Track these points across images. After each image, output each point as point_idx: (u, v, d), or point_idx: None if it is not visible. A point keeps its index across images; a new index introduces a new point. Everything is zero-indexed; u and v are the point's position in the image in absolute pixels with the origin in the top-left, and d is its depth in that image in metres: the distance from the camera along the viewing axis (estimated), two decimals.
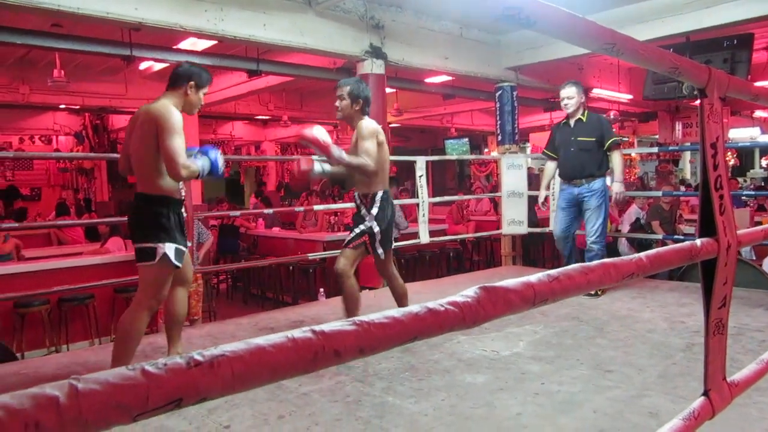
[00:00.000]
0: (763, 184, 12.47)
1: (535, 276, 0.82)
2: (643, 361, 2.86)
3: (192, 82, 2.78)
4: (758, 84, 8.36)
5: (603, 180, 4.34)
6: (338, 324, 0.58)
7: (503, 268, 6.23)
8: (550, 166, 4.63)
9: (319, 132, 2.93)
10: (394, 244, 3.49)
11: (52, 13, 3.87)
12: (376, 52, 5.63)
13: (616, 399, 2.39)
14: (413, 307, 0.65)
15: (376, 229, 3.18)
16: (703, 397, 1.32)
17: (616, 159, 4.28)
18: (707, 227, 1.29)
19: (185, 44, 5.91)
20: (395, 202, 3.86)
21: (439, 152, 14.70)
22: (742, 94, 1.49)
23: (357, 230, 3.20)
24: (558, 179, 4.73)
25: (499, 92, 7.03)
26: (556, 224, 4.51)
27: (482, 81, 7.17)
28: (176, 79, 2.79)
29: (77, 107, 9.72)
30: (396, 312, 0.63)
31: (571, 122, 4.37)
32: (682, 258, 1.15)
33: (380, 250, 3.22)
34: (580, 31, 0.89)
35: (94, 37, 5.27)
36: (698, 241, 1.24)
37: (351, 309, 3.17)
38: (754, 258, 5.82)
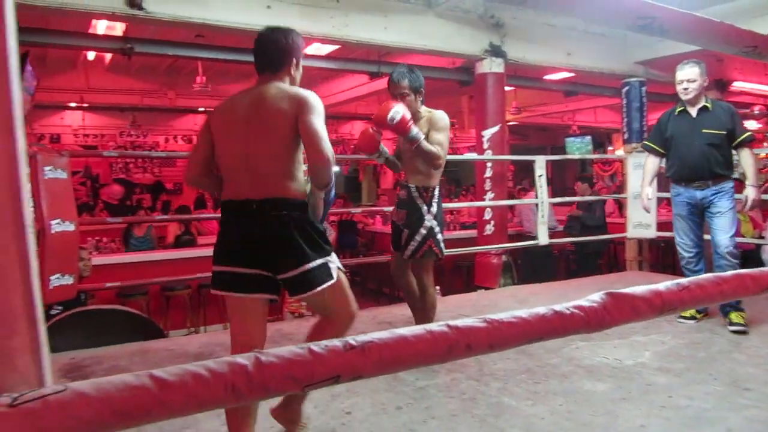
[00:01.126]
0: None
1: (664, 284, 0.82)
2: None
3: (295, 59, 2.14)
4: None
5: (732, 182, 3.61)
6: (470, 321, 0.63)
7: (628, 273, 5.93)
8: (653, 163, 3.83)
9: (402, 107, 2.70)
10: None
11: (197, 26, 4.28)
12: (495, 51, 5.59)
13: (754, 419, 2.23)
14: (540, 309, 0.70)
15: (437, 228, 2.97)
16: None
17: (748, 158, 3.53)
18: None
19: (310, 49, 6.22)
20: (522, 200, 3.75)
21: (559, 150, 14.20)
22: None
23: (418, 237, 2.91)
24: (657, 181, 4.07)
25: (626, 88, 6.69)
26: (681, 240, 3.71)
27: (607, 77, 6.86)
28: (280, 58, 2.09)
29: (213, 109, 10.57)
30: (523, 312, 0.68)
31: (693, 111, 3.57)
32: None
33: (437, 251, 2.96)
34: (717, 36, 0.88)
35: (231, 46, 5.72)
36: None
37: (430, 318, 3.01)
38: None
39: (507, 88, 8.17)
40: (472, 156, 5.82)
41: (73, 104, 9.35)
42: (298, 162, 1.99)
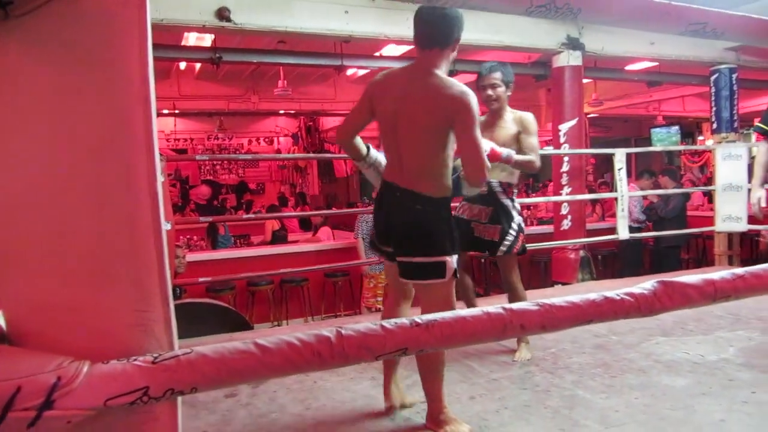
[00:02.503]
0: None
1: (719, 273, 0.87)
2: None
3: (457, 37, 2.08)
4: None
5: None
6: (524, 304, 0.72)
7: (715, 268, 5.67)
8: (764, 152, 3.31)
9: (486, 143, 2.37)
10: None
11: (281, 34, 4.52)
12: (573, 44, 5.49)
13: None
14: (591, 295, 0.77)
15: (522, 224, 2.95)
16: None
17: None
18: None
19: (385, 50, 6.37)
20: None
21: (644, 142, 13.61)
22: None
23: (512, 231, 2.88)
24: None
25: (715, 76, 6.36)
26: None
27: (695, 65, 6.55)
28: (451, 32, 2.04)
29: (293, 112, 10.98)
30: (575, 297, 0.75)
31: None
32: None
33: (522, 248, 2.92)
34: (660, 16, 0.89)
35: (311, 51, 5.96)
36: None
37: None
38: None
39: (585, 80, 7.98)
40: (549, 150, 5.73)
41: (165, 111, 10.01)
42: (444, 161, 2.03)
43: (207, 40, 5.85)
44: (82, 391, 0.51)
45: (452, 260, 2.04)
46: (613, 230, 5.30)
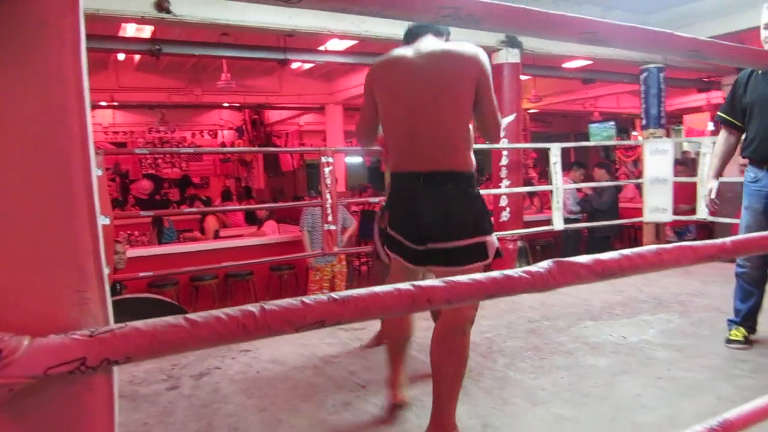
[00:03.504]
0: None
1: (608, 253, 0.98)
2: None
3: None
4: None
5: None
6: (432, 282, 0.81)
7: None
8: (727, 142, 2.97)
9: None
10: None
11: (222, 26, 4.49)
12: (511, 42, 5.69)
13: (745, 387, 2.35)
14: (494, 273, 0.86)
15: None
16: None
17: None
18: None
19: (329, 45, 6.41)
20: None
21: (582, 137, 14.15)
22: None
23: None
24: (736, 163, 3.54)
25: (644, 74, 6.72)
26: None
27: (626, 63, 6.89)
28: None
29: (238, 105, 10.87)
30: (479, 275, 0.84)
31: None
32: None
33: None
34: (659, 43, 1.02)
35: (255, 44, 5.93)
36: None
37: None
38: None
39: (524, 77, 8.22)
40: (488, 145, 5.91)
41: (103, 103, 9.71)
42: (470, 130, 1.91)
43: (146, 31, 5.73)
44: (23, 361, 0.56)
45: (493, 238, 1.91)
46: (550, 222, 5.54)
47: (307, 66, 8.44)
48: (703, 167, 5.19)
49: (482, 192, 1.91)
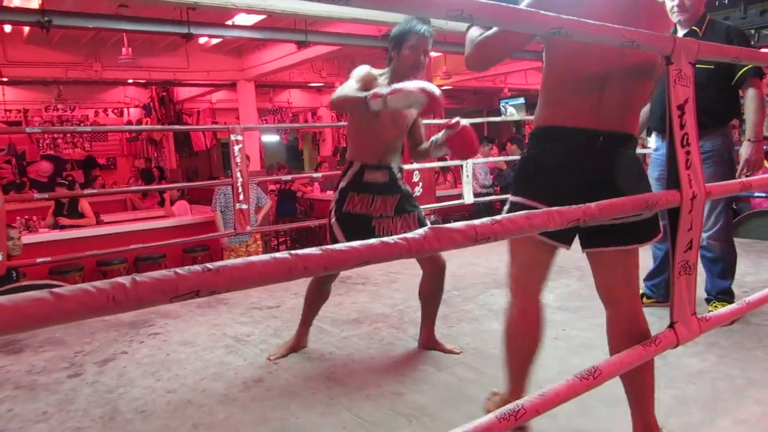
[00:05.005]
0: None
1: (480, 220, 1.05)
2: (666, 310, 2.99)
3: None
4: None
5: (725, 136, 2.80)
6: (309, 250, 0.83)
7: None
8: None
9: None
10: None
11: None
12: (420, 18, 5.73)
13: None
14: (371, 240, 0.90)
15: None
16: (668, 329, 1.52)
17: (749, 101, 2.69)
18: (673, 180, 1.46)
19: (236, 19, 6.22)
20: None
21: (495, 113, 14.62)
22: (717, 57, 1.62)
23: (428, 222, 2.63)
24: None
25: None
26: None
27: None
28: None
29: (144, 81, 10.35)
30: (356, 243, 0.88)
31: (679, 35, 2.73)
32: (636, 206, 1.34)
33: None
34: (523, 22, 1.09)
35: (156, 17, 5.65)
36: (660, 192, 1.42)
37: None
38: None
39: (435, 54, 8.33)
40: None
41: None
42: None
43: (34, 1, 5.33)
44: None
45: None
46: (459, 196, 5.72)
47: (216, 41, 8.15)
48: None
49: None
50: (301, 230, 8.07)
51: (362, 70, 2.42)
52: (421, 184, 5.75)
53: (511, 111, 13.95)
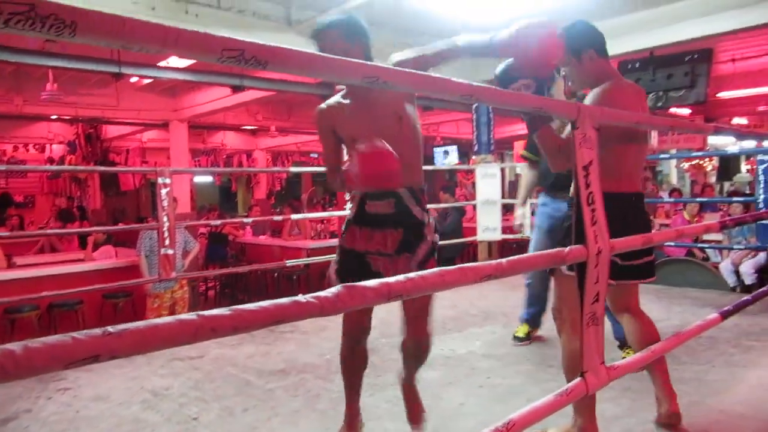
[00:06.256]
0: (747, 190, 12.75)
1: (396, 277, 1.07)
2: None
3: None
4: (725, 94, 8.62)
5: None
6: (217, 310, 0.83)
7: None
8: (531, 174, 3.51)
9: None
10: None
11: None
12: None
13: (549, 390, 2.61)
14: (282, 300, 0.90)
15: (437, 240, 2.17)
16: (579, 378, 1.58)
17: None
18: (579, 236, 1.54)
19: (171, 61, 6.16)
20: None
21: (428, 160, 14.97)
22: (618, 122, 1.75)
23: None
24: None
25: (476, 104, 7.30)
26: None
27: None
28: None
29: (68, 118, 9.98)
30: (267, 303, 0.88)
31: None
32: (547, 262, 1.40)
33: None
34: (436, 87, 1.14)
35: (85, 55, 5.51)
36: (567, 249, 1.49)
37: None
38: None
39: None
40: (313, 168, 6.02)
41: None
42: None
43: None
44: None
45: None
46: None
47: (147, 81, 8.02)
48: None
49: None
50: (231, 276, 7.87)
51: None
52: None
53: (452, 159, 14.21)
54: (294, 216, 6.73)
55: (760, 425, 2.22)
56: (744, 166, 16.11)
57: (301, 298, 0.92)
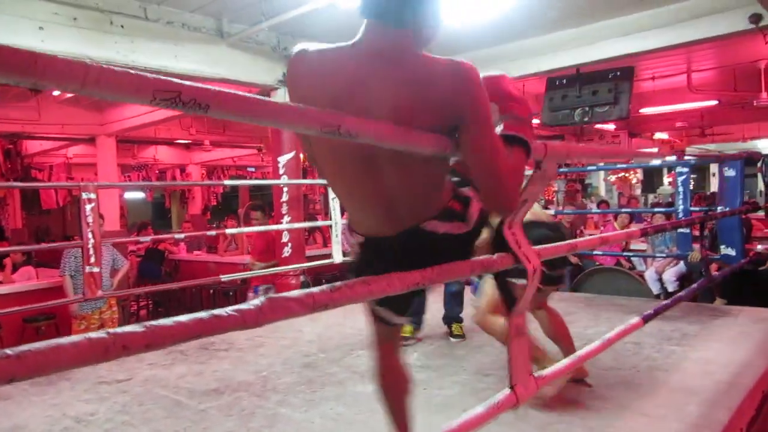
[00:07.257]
0: (670, 200, 13.48)
1: (320, 287, 1.06)
2: None
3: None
4: (646, 110, 9.12)
5: None
6: (130, 327, 0.79)
7: None
8: None
9: None
10: None
11: None
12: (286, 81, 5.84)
13: (485, 399, 2.66)
14: (201, 313, 0.87)
15: None
16: (508, 390, 1.60)
17: None
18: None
19: None
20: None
21: None
22: (583, 157, 1.82)
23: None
24: None
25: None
26: None
27: None
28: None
29: None
30: (184, 317, 0.85)
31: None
32: (474, 269, 1.43)
33: None
34: (304, 120, 1.05)
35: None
36: (496, 255, 1.52)
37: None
38: None
39: None
40: (270, 181, 5.97)
41: None
42: None
43: None
44: None
45: None
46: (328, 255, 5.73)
47: (71, 94, 7.67)
48: None
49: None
50: (165, 294, 7.60)
51: None
52: (290, 244, 5.71)
53: None
54: (228, 230, 6.58)
55: (680, 427, 2.33)
56: (666, 179, 17.12)
57: (221, 311, 0.90)
